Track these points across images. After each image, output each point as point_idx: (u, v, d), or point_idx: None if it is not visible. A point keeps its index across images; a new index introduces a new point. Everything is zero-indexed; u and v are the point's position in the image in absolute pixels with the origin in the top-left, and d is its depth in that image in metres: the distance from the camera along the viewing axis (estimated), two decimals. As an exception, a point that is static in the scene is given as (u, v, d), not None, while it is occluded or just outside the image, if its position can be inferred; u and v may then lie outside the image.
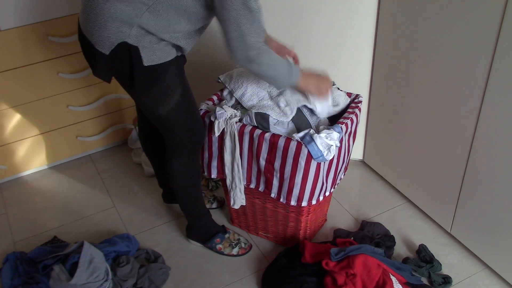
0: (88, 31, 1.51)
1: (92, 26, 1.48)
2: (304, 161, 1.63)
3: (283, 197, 1.76)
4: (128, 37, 1.45)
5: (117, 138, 2.64)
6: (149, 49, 1.48)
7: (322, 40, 2.13)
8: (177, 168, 1.81)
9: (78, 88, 2.38)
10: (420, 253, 1.93)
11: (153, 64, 1.50)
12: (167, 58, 1.53)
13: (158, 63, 1.51)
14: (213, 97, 1.87)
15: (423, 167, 2.05)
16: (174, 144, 1.75)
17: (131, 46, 1.46)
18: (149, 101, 1.61)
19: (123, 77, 1.56)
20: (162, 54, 1.51)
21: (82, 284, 1.71)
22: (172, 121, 1.67)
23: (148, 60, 1.49)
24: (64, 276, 1.73)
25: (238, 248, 2.01)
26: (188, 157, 1.79)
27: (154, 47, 1.49)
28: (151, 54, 1.49)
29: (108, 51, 1.49)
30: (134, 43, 1.46)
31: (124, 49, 1.47)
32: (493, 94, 1.63)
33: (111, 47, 1.48)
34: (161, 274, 1.88)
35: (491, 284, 1.86)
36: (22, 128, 2.34)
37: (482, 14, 1.57)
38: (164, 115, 1.64)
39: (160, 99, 1.59)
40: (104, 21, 1.44)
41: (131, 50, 1.47)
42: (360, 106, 1.84)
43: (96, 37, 1.48)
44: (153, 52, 1.49)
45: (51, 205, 2.31)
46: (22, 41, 2.14)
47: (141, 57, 1.48)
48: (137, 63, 1.48)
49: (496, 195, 1.75)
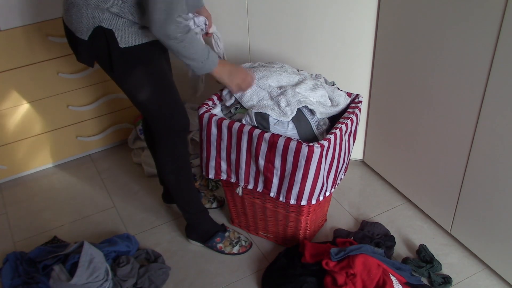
0: (68, 20, 1.62)
1: (70, 15, 1.59)
2: (305, 160, 1.63)
3: (283, 196, 1.76)
4: (102, 21, 1.54)
5: (117, 138, 2.64)
6: (123, 31, 1.55)
7: (322, 40, 2.13)
8: (162, 156, 1.85)
9: (78, 88, 2.38)
10: (420, 253, 1.93)
11: (129, 46, 1.57)
12: (143, 40, 1.59)
13: (134, 44, 1.57)
14: (213, 97, 1.87)
15: (423, 167, 2.05)
16: (157, 131, 1.81)
17: (106, 30, 1.54)
18: (130, 85, 1.67)
19: (103, 61, 1.64)
20: (137, 36, 1.58)
21: (82, 284, 1.71)
22: (152, 108, 1.73)
23: (124, 42, 1.56)
24: (64, 276, 1.73)
25: (238, 246, 2.01)
26: (174, 145, 1.82)
27: (128, 29, 1.56)
28: (126, 35, 1.56)
29: (86, 37, 1.58)
30: (108, 27, 1.54)
31: (101, 33, 1.55)
32: (493, 94, 1.63)
33: (88, 33, 1.57)
34: (161, 274, 1.88)
35: (491, 284, 1.86)
36: (22, 128, 2.34)
37: (482, 14, 1.57)
38: (144, 101, 1.70)
39: (141, 82, 1.66)
40: (79, 9, 1.55)
41: (106, 33, 1.55)
42: (360, 106, 1.84)
43: (75, 25, 1.58)
44: (127, 34, 1.56)
45: (51, 205, 2.31)
46: (22, 41, 2.14)
47: (117, 40, 1.55)
48: (114, 45, 1.56)
49: (496, 195, 1.75)
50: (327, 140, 1.65)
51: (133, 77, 1.64)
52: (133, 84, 1.66)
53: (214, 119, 1.75)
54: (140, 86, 1.66)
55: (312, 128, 1.75)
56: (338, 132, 1.69)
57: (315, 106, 1.76)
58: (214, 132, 1.77)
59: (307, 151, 1.61)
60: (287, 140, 1.64)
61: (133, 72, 1.63)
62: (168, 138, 1.80)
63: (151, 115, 1.76)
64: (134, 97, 1.71)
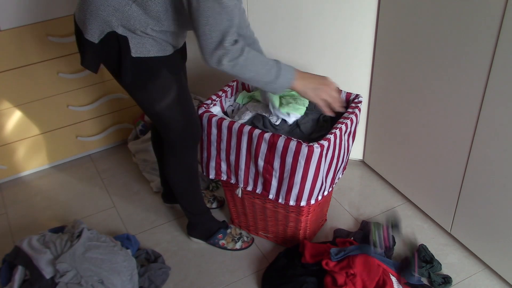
0: (80, 19, 1.53)
1: (84, 14, 1.50)
2: (304, 160, 1.63)
3: (282, 198, 1.76)
4: (118, 27, 1.46)
5: (117, 138, 2.64)
6: (139, 41, 1.49)
7: (322, 40, 2.13)
8: (174, 165, 1.82)
9: (78, 88, 2.38)
10: (420, 253, 1.93)
11: (142, 56, 1.51)
12: (158, 53, 1.53)
13: (148, 56, 1.51)
14: (212, 96, 1.87)
15: (423, 167, 2.05)
16: (170, 141, 1.76)
17: (120, 36, 1.47)
18: (144, 97, 1.62)
19: (111, 65, 1.57)
20: (153, 48, 1.51)
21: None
22: (167, 119, 1.68)
23: (137, 52, 1.50)
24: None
25: (241, 242, 2.01)
26: (184, 155, 1.80)
27: (143, 39, 1.49)
28: (140, 45, 1.49)
29: (97, 40, 1.50)
30: (123, 33, 1.47)
31: (113, 38, 1.48)
32: (493, 94, 1.63)
33: (100, 36, 1.49)
34: (161, 274, 1.88)
35: (491, 284, 1.86)
36: (22, 128, 2.34)
37: (482, 14, 1.57)
38: (159, 113, 1.65)
39: (154, 96, 1.60)
40: (96, 9, 1.46)
41: (120, 40, 1.48)
42: (360, 106, 1.84)
43: (87, 26, 1.50)
44: (142, 44, 1.49)
45: (51, 205, 2.31)
46: (22, 41, 2.14)
47: (130, 47, 1.49)
48: (125, 52, 1.49)
49: (496, 195, 1.75)
50: (327, 140, 1.65)
51: (145, 89, 1.59)
52: (145, 96, 1.61)
53: (214, 119, 1.75)
54: (155, 100, 1.60)
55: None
56: (338, 132, 1.69)
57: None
58: (214, 132, 1.77)
59: (307, 151, 1.61)
60: (287, 140, 1.64)
61: (145, 84, 1.57)
62: (179, 149, 1.77)
63: (165, 127, 1.71)
64: (148, 110, 1.66)
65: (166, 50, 1.55)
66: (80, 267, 1.67)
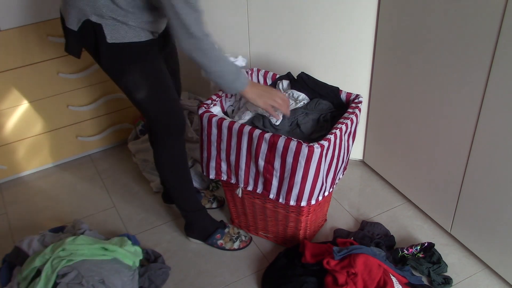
0: (63, 9, 1.63)
1: (65, 4, 1.61)
2: (304, 160, 1.63)
3: (282, 197, 1.76)
4: (91, 15, 1.53)
5: (117, 138, 2.64)
6: (112, 27, 1.55)
7: (322, 40, 2.13)
8: (161, 156, 1.85)
9: (78, 88, 2.38)
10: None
11: (117, 42, 1.56)
12: (133, 39, 1.58)
13: (123, 41, 1.56)
14: (212, 96, 1.87)
15: (423, 167, 2.05)
16: (154, 131, 1.81)
17: (95, 24, 1.54)
18: (124, 84, 1.67)
19: (91, 51, 1.65)
20: (127, 34, 1.56)
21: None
22: (147, 106, 1.72)
23: (112, 38, 1.55)
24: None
25: (239, 241, 2.01)
26: (170, 145, 1.82)
27: (116, 25, 1.55)
28: (115, 32, 1.55)
29: (76, 28, 1.59)
30: (97, 21, 1.54)
31: (89, 26, 1.56)
32: (493, 94, 1.63)
33: (78, 24, 1.57)
34: (161, 274, 1.88)
35: (491, 284, 1.86)
36: (22, 128, 2.34)
37: (482, 14, 1.57)
38: (139, 101, 1.70)
39: (133, 82, 1.65)
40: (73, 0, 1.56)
41: (95, 27, 1.55)
42: (360, 106, 1.84)
43: (67, 15, 1.59)
44: (116, 30, 1.55)
45: (51, 205, 2.31)
46: (22, 41, 2.14)
47: (104, 34, 1.55)
48: (101, 39, 1.56)
49: (496, 195, 1.75)
50: (327, 140, 1.65)
51: (124, 75, 1.64)
52: (123, 82, 1.66)
53: (214, 119, 1.75)
54: (132, 84, 1.65)
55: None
56: (338, 132, 1.69)
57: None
58: (214, 132, 1.77)
59: (307, 151, 1.61)
60: (287, 140, 1.64)
61: (123, 70, 1.63)
62: (164, 138, 1.81)
63: (147, 115, 1.77)
64: (129, 95, 1.71)
65: (141, 36, 1.59)
66: (81, 267, 1.67)
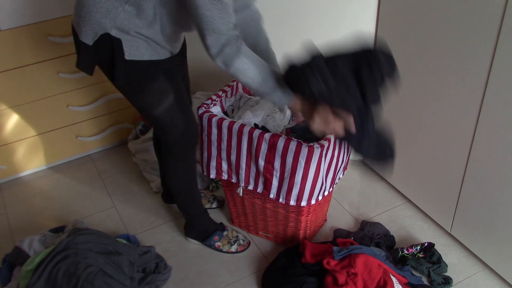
0: (76, 22, 1.53)
1: (78, 16, 1.50)
2: (304, 160, 1.63)
3: (282, 197, 1.76)
4: (111, 29, 1.45)
5: (117, 138, 2.64)
6: (133, 43, 1.47)
7: (322, 40, 2.13)
8: (172, 168, 1.82)
9: (78, 88, 2.38)
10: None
11: (135, 59, 1.49)
12: (152, 57, 1.52)
13: (142, 59, 1.50)
14: (212, 96, 1.87)
15: (423, 167, 2.05)
16: (168, 145, 1.76)
17: (114, 38, 1.46)
18: (139, 101, 1.62)
19: (105, 67, 1.57)
20: (147, 52, 1.50)
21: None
22: (164, 123, 1.67)
23: (131, 54, 1.48)
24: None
25: (237, 245, 2.01)
26: (183, 158, 1.80)
27: (137, 42, 1.48)
28: (134, 48, 1.48)
29: (91, 42, 1.50)
30: (116, 35, 1.46)
31: (107, 40, 1.47)
32: (493, 94, 1.63)
33: (94, 38, 1.49)
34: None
35: (491, 284, 1.86)
36: (22, 128, 2.34)
37: (482, 14, 1.57)
38: (156, 117, 1.64)
39: (149, 100, 1.59)
40: (88, 12, 1.45)
41: (113, 42, 1.47)
42: (360, 106, 1.84)
43: (81, 28, 1.50)
44: (136, 47, 1.48)
45: (51, 205, 2.31)
46: (22, 41, 2.14)
47: (123, 50, 1.47)
48: (119, 55, 1.48)
49: (496, 195, 1.75)
50: (327, 140, 1.65)
51: (140, 93, 1.58)
52: (140, 100, 1.61)
53: (214, 119, 1.75)
54: (147, 103, 1.60)
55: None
56: (338, 132, 1.69)
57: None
58: (214, 132, 1.77)
59: (307, 151, 1.61)
60: (287, 140, 1.64)
61: (139, 88, 1.56)
62: (177, 152, 1.77)
63: (163, 130, 1.71)
64: (146, 113, 1.65)
65: (160, 54, 1.54)
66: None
